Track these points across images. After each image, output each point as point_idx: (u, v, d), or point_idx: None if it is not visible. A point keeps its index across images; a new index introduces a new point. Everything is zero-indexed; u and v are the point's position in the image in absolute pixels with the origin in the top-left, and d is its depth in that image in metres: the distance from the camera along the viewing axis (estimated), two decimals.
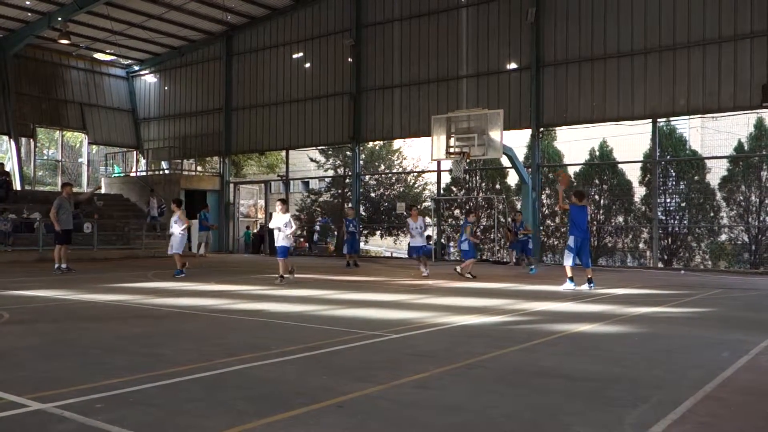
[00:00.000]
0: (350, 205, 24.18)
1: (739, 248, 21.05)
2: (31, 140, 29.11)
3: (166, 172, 30.48)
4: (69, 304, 10.03)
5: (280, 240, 13.85)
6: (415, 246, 16.56)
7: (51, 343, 6.78)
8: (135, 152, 32.34)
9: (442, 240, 24.66)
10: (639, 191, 22.19)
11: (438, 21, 23.25)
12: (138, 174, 31.26)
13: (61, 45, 27.13)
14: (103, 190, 31.02)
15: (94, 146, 32.24)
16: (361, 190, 26.53)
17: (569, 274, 12.53)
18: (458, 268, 15.47)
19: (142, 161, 32.31)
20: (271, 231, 27.63)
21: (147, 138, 32.33)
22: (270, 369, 5.54)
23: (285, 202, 14.98)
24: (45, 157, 34.77)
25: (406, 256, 26.31)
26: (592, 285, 12.44)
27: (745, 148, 20.63)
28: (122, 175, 31.76)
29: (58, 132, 30.98)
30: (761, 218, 20.34)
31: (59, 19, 24.76)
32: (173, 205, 15.59)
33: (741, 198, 20.65)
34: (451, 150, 19.37)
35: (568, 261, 12.50)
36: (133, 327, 7.81)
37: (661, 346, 6.82)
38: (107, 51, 30.21)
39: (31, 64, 28.74)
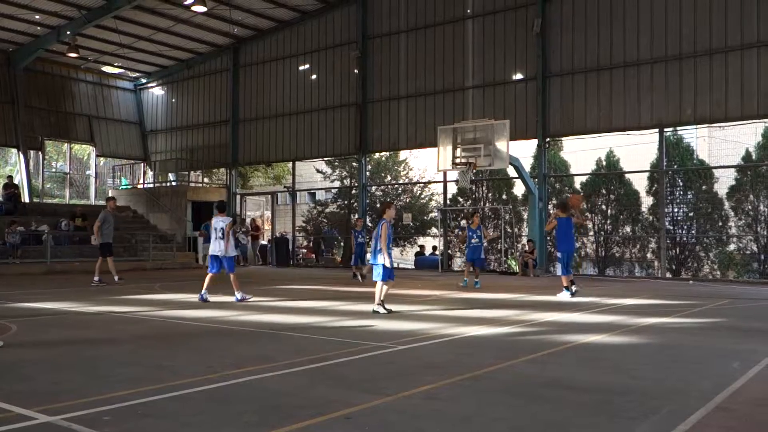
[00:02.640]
0: (358, 216, 24.19)
1: (748, 258, 20.92)
2: (40, 153, 29.29)
3: (173, 184, 30.60)
4: (77, 316, 10.05)
5: None
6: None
7: (59, 355, 6.79)
8: (142, 164, 32.50)
9: (449, 251, 24.62)
10: (646, 201, 22.11)
11: (444, 32, 23.32)
12: (145, 186, 31.40)
13: (69, 58, 27.34)
14: None
15: (101, 158, 32.41)
16: (367, 201, 26.55)
17: (565, 284, 12.96)
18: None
19: (150, 173, 32.46)
20: (278, 241, 27.77)
21: (154, 150, 32.49)
22: (277, 381, 5.53)
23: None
24: (53, 170, 34.95)
25: (413, 266, 26.31)
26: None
27: (753, 157, 20.55)
28: (129, 187, 31.90)
29: (66, 144, 31.15)
30: None
31: (68, 32, 25.00)
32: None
33: (749, 207, 20.54)
34: (458, 161, 19.37)
35: (561, 271, 13.17)
36: (140, 339, 7.81)
37: (671, 356, 6.78)
38: (115, 64, 30.44)
39: (39, 78, 28.98)
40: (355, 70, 25.24)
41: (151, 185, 31.31)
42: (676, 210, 21.50)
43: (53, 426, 4.15)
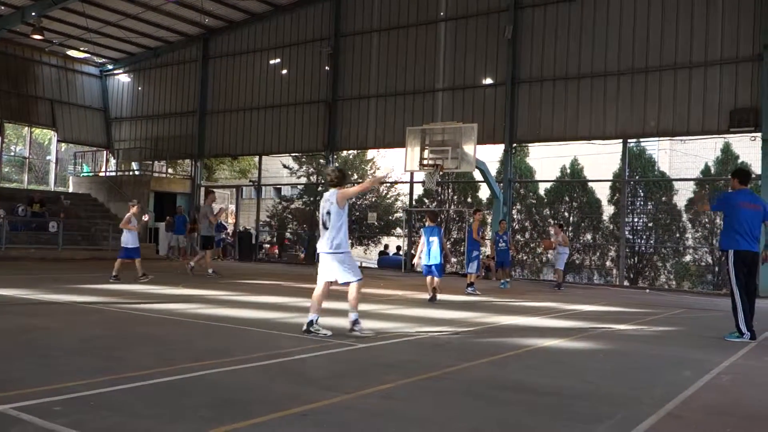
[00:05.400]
0: None
1: (703, 269, 21.43)
2: None
3: (137, 173, 30.09)
4: (31, 305, 9.82)
5: None
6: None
7: (10, 343, 6.62)
8: (105, 152, 31.88)
9: (412, 251, 24.64)
10: (608, 210, 22.50)
11: (416, 34, 23.38)
12: (107, 174, 30.81)
13: (33, 40, 26.68)
14: (70, 189, 30.51)
15: (63, 144, 31.71)
16: None
17: (473, 280, 14.77)
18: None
19: (112, 161, 31.86)
20: (241, 235, 27.51)
21: (118, 138, 31.90)
22: (234, 375, 5.47)
23: None
24: (12, 154, 34.05)
25: (376, 266, 26.30)
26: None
27: (712, 171, 21.06)
28: (91, 174, 31.25)
29: (26, 128, 30.40)
30: None
31: (33, 14, 24.35)
32: None
33: (706, 220, 21.05)
34: (425, 162, 19.41)
35: (471, 269, 15.09)
36: (96, 329, 7.66)
37: (625, 363, 6.90)
38: (81, 48, 29.78)
39: (1, 58, 28.21)
40: (326, 67, 25.14)
41: (114, 173, 30.74)
42: (636, 220, 21.91)
43: (2, 415, 4.04)
